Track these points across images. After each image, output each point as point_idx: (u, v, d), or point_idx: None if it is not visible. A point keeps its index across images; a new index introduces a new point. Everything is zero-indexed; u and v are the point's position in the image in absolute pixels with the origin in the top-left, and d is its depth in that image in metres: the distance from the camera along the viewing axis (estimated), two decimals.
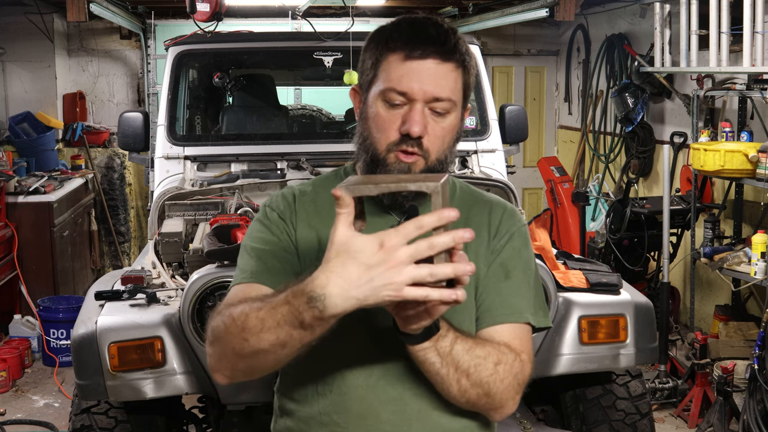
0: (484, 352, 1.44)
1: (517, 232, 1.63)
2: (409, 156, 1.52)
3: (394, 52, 1.52)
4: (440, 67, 1.51)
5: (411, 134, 1.49)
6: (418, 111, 1.50)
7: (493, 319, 1.55)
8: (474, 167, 4.28)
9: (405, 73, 1.50)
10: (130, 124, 4.29)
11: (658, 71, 6.06)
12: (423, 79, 1.50)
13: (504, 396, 1.48)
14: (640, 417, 3.25)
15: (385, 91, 1.52)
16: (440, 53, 1.50)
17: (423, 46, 1.50)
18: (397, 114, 1.52)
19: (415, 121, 1.49)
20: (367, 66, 1.57)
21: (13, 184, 6.16)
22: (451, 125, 1.55)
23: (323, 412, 1.57)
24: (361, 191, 1.29)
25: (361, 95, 1.61)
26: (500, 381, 1.46)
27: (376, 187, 1.30)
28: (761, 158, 4.39)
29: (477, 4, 7.43)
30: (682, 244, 5.70)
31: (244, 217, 3.49)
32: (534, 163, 8.07)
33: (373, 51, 1.55)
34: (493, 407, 1.50)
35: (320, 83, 6.33)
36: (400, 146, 1.52)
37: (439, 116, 1.53)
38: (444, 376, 1.43)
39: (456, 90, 1.54)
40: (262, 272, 1.56)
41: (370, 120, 1.55)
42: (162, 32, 7.91)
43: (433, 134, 1.52)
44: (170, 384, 2.86)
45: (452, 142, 1.57)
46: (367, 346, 1.54)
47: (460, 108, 1.57)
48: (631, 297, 3.20)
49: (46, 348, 5.71)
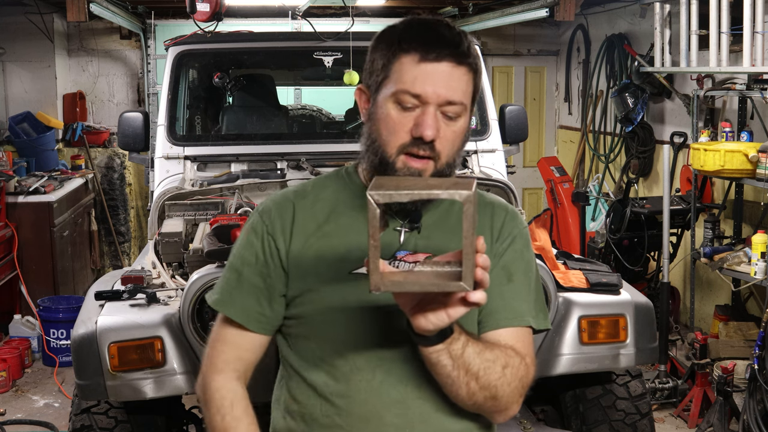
0: (493, 356, 1.45)
1: (519, 234, 1.63)
2: (419, 160, 1.50)
3: (407, 53, 1.49)
4: (455, 71, 1.49)
5: (424, 138, 1.48)
6: (431, 114, 1.48)
7: (497, 322, 1.54)
8: (474, 167, 4.28)
9: (419, 75, 1.48)
10: (130, 124, 4.29)
11: (658, 71, 6.06)
12: (437, 82, 1.48)
13: (510, 399, 1.49)
14: (640, 417, 3.25)
15: (398, 93, 1.50)
16: (455, 56, 1.49)
17: (438, 49, 1.48)
18: (409, 116, 1.50)
19: (429, 124, 1.48)
20: (377, 66, 1.54)
21: (13, 184, 6.16)
22: (461, 129, 1.54)
23: (325, 414, 1.56)
24: (392, 198, 1.29)
25: (368, 95, 1.58)
26: (507, 384, 1.46)
27: (408, 194, 1.30)
28: (761, 158, 4.39)
29: (477, 4, 7.43)
30: (682, 244, 5.70)
31: (244, 217, 3.49)
32: (534, 163, 8.07)
33: (384, 51, 1.53)
34: (498, 410, 1.50)
35: (320, 83, 6.33)
36: (410, 149, 1.50)
37: (450, 120, 1.51)
38: (455, 378, 1.43)
39: (467, 93, 1.53)
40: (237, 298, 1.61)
41: (380, 121, 1.53)
42: (162, 32, 7.91)
43: (445, 138, 1.51)
44: (170, 384, 2.86)
45: (461, 145, 1.57)
46: (371, 348, 1.54)
47: (468, 112, 1.56)
48: (631, 297, 3.20)
49: (46, 348, 5.71)
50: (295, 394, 1.61)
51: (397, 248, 1.54)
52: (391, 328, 1.53)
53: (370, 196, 1.28)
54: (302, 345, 1.59)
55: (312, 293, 1.56)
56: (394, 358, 1.53)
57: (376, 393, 1.54)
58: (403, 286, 1.30)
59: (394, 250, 1.53)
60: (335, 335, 1.55)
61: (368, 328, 1.53)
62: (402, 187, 1.32)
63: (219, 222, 3.36)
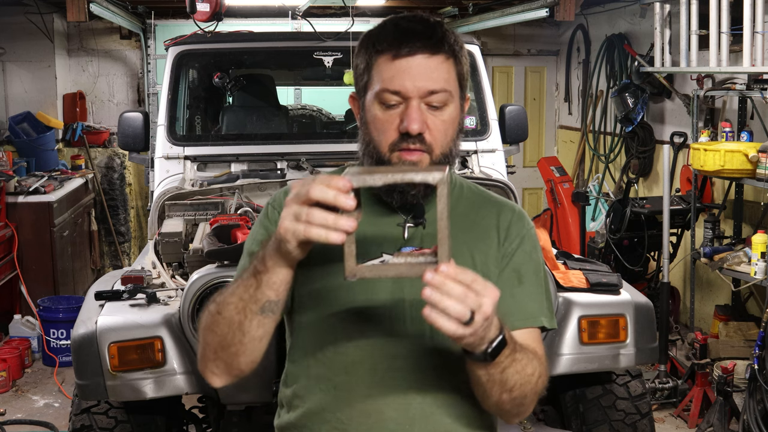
0: (531, 369, 1.45)
1: (527, 235, 1.63)
2: (413, 153, 1.51)
3: (382, 53, 1.52)
4: (430, 61, 1.50)
5: (410, 132, 1.49)
6: (415, 108, 1.50)
7: (511, 324, 1.52)
8: (474, 167, 4.28)
9: (395, 72, 1.50)
10: (130, 124, 4.29)
11: (658, 71, 6.06)
12: (414, 76, 1.49)
13: (532, 405, 1.52)
14: (640, 417, 3.25)
15: (379, 93, 1.52)
16: (428, 47, 1.50)
17: (410, 43, 1.50)
18: (394, 114, 1.51)
19: (413, 118, 1.49)
20: (359, 72, 1.57)
21: (13, 184, 6.16)
22: (451, 117, 1.54)
23: (326, 409, 1.57)
24: (365, 181, 1.30)
25: (359, 101, 1.61)
26: (534, 394, 1.49)
27: (381, 177, 1.31)
28: (761, 158, 4.39)
29: (477, 4, 7.43)
30: (682, 244, 5.70)
31: (244, 217, 3.49)
32: (534, 163, 8.06)
33: (363, 56, 1.56)
34: (518, 414, 1.52)
35: (320, 83, 6.33)
36: (401, 145, 1.51)
37: (437, 109, 1.52)
38: (488, 389, 1.44)
39: (450, 80, 1.53)
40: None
41: (369, 124, 1.55)
42: (162, 32, 7.91)
43: (435, 128, 1.52)
44: (170, 384, 2.86)
45: (455, 134, 1.57)
46: (374, 343, 1.54)
47: (457, 99, 1.56)
48: (631, 297, 3.20)
49: (46, 348, 5.70)
50: (298, 388, 1.61)
51: (402, 243, 1.54)
52: (395, 323, 1.53)
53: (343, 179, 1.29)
54: (306, 338, 1.60)
55: (317, 287, 1.56)
56: (396, 354, 1.53)
57: (378, 388, 1.54)
58: (379, 272, 1.31)
59: (399, 246, 1.52)
60: (339, 329, 1.55)
61: (372, 323, 1.54)
62: (375, 172, 1.33)
63: (219, 222, 3.36)
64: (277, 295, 1.41)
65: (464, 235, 1.57)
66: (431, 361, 1.53)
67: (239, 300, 1.42)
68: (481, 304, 1.26)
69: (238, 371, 1.51)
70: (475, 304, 1.26)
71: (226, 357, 1.48)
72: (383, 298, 1.53)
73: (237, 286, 1.44)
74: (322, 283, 1.55)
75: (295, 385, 1.62)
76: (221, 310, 1.45)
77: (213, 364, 1.51)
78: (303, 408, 1.60)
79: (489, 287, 1.28)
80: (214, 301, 1.49)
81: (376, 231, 1.54)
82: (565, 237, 6.57)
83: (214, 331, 1.47)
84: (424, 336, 1.53)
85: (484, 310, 1.26)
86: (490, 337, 1.33)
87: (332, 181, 1.29)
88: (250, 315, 1.42)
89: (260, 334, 1.45)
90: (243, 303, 1.42)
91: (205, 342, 1.51)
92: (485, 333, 1.31)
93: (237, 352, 1.47)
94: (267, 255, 1.39)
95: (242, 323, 1.43)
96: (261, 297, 1.40)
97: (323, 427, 1.57)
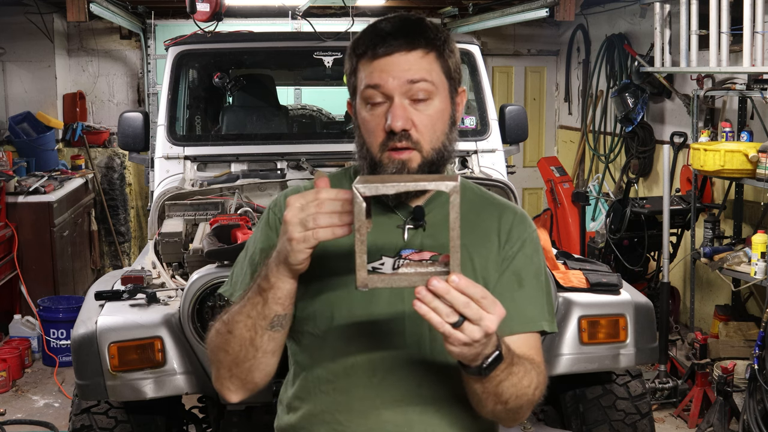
0: (528, 381, 1.45)
1: (529, 238, 1.62)
2: (401, 152, 1.51)
3: (363, 56, 1.53)
4: (409, 56, 1.51)
5: (394, 129, 1.49)
6: (398, 105, 1.50)
7: (510, 329, 1.52)
8: (474, 167, 4.28)
9: (374, 70, 1.51)
10: (130, 124, 4.29)
11: (658, 71, 6.06)
12: (393, 70, 1.50)
13: (528, 412, 1.52)
14: (640, 417, 3.25)
15: (363, 92, 1.53)
16: (404, 45, 1.51)
17: (386, 43, 1.50)
18: (380, 114, 1.52)
19: (396, 115, 1.49)
20: (348, 77, 1.60)
21: (13, 184, 6.16)
22: (438, 110, 1.53)
23: (326, 410, 1.57)
24: (377, 190, 1.29)
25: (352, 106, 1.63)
26: (531, 403, 1.48)
27: (394, 186, 1.30)
28: (761, 158, 4.39)
29: (477, 4, 7.43)
30: (682, 244, 5.70)
31: (244, 217, 3.49)
32: (534, 163, 8.07)
33: (349, 62, 1.58)
34: (514, 420, 1.53)
35: (320, 83, 6.33)
36: (389, 144, 1.51)
37: (421, 103, 1.51)
38: (483, 399, 1.44)
39: (432, 72, 1.52)
40: (247, 281, 1.60)
41: (360, 126, 1.56)
42: (162, 32, 7.91)
43: (421, 124, 1.51)
44: (170, 384, 2.86)
45: (446, 128, 1.56)
46: (373, 346, 1.54)
47: (445, 91, 1.55)
48: (631, 297, 3.20)
49: (46, 348, 5.71)
50: (298, 390, 1.62)
51: (401, 246, 1.53)
52: (395, 327, 1.53)
53: (356, 189, 1.28)
54: (306, 341, 1.60)
55: (317, 289, 1.56)
56: (395, 357, 1.53)
57: (376, 390, 1.54)
58: (391, 282, 1.30)
59: (399, 249, 1.51)
60: (338, 332, 1.55)
61: (372, 326, 1.54)
62: (388, 180, 1.33)
63: (219, 222, 3.36)
64: (284, 309, 1.45)
65: (464, 238, 1.56)
66: (430, 367, 1.53)
67: (247, 317, 1.46)
68: (485, 319, 1.26)
69: (253, 385, 1.55)
70: (477, 316, 1.26)
71: (240, 373, 1.52)
72: (384, 303, 1.53)
73: (243, 305, 1.47)
74: (322, 288, 1.56)
75: (295, 386, 1.63)
76: (231, 329, 1.49)
77: (228, 382, 1.55)
78: (303, 410, 1.61)
79: (497, 306, 1.28)
80: (221, 319, 1.53)
81: (375, 232, 1.54)
82: (565, 237, 6.57)
83: (225, 350, 1.51)
84: (423, 341, 1.53)
85: (487, 326, 1.26)
86: (486, 353, 1.33)
87: (339, 194, 1.33)
88: (261, 331, 1.46)
89: (272, 347, 1.49)
90: (252, 320, 1.46)
91: (218, 361, 1.54)
92: (482, 349, 1.31)
93: (251, 367, 1.51)
94: (270, 272, 1.42)
95: (254, 339, 1.47)
96: (269, 313, 1.44)
97: (322, 428, 1.57)
